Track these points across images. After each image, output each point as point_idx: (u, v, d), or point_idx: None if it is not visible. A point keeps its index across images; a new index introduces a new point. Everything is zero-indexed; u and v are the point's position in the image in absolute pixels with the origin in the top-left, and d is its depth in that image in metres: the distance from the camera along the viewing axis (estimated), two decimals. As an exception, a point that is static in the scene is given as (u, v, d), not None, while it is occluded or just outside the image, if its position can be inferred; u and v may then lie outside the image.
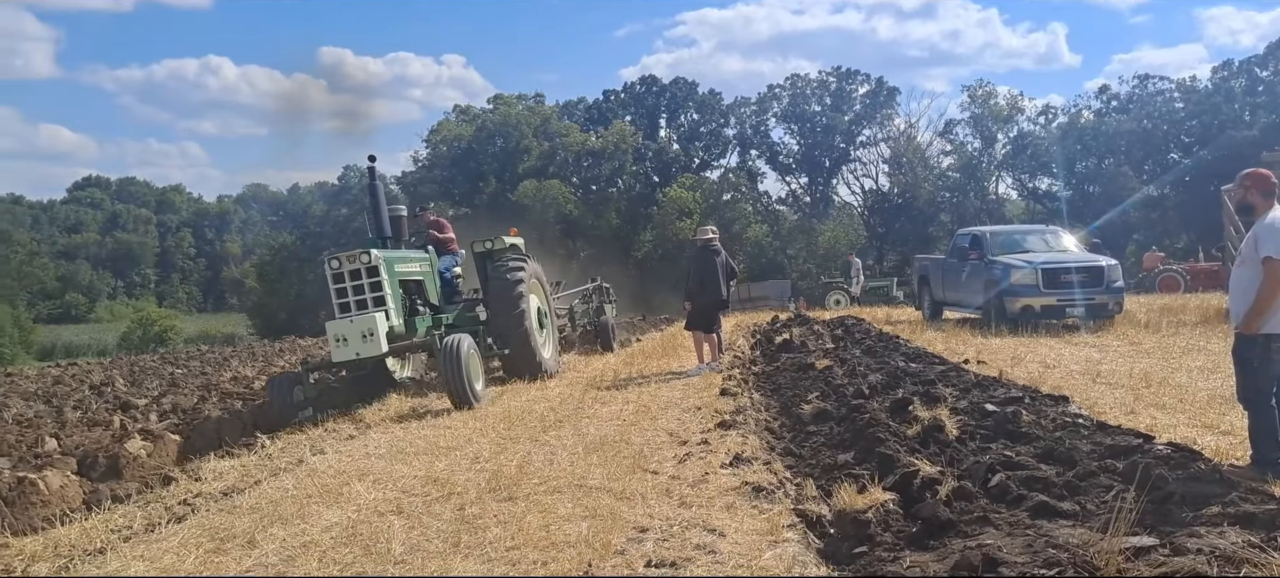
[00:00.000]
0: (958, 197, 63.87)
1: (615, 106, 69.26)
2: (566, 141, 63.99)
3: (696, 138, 69.50)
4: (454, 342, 10.97)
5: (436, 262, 14.02)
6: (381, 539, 5.86)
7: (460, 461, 8.38)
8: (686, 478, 7.00)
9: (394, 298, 11.88)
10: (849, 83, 67.09)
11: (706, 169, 68.68)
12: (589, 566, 5.02)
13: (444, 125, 67.40)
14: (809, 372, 12.18)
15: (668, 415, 10.14)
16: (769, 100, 68.31)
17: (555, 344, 15.31)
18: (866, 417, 8.06)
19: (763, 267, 58.44)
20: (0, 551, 6.11)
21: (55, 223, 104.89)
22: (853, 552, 5.09)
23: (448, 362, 10.80)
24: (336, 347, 11.11)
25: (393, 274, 12.02)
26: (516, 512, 6.32)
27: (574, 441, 8.89)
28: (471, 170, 62.89)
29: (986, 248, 19.75)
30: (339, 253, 11.63)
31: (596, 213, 62.22)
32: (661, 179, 65.55)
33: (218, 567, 5.58)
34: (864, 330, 18.56)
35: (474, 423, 10.54)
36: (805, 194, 69.36)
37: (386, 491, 7.33)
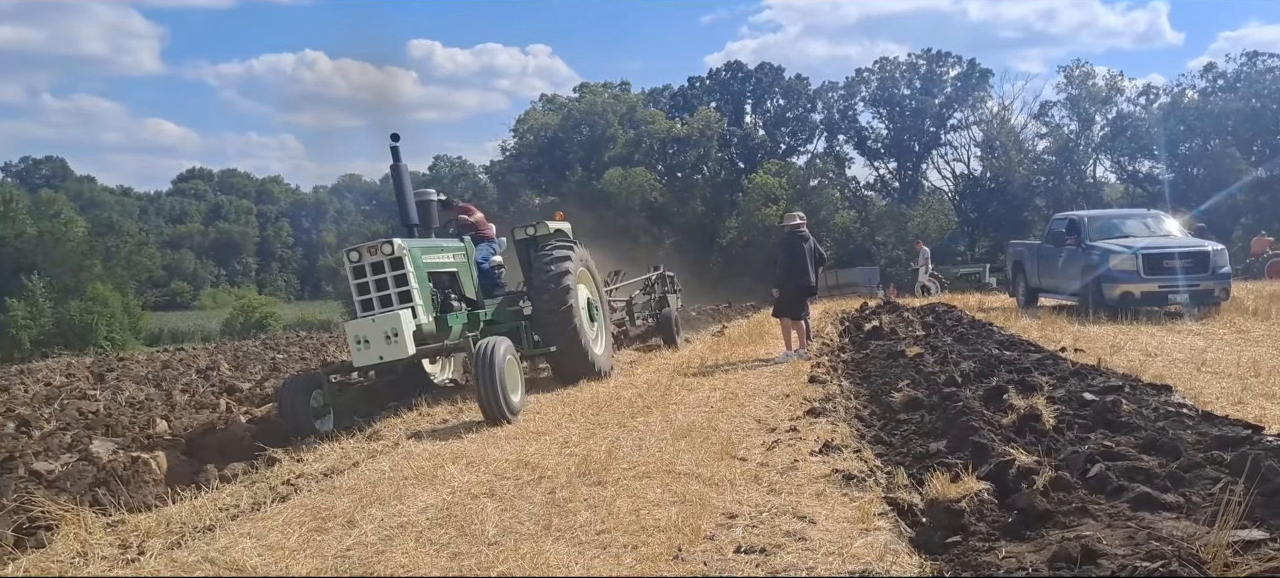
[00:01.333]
0: (1053, 180, 62.13)
1: (700, 93, 69.05)
2: (652, 129, 64.07)
3: (783, 123, 68.90)
4: (489, 347, 9.48)
5: (472, 251, 12.55)
6: (475, 521, 5.99)
7: (550, 445, 8.50)
8: (775, 465, 6.99)
9: (422, 293, 10.43)
10: (939, 65, 65.72)
11: (793, 155, 68.10)
12: (679, 550, 5.06)
13: (531, 114, 68.11)
14: (899, 359, 12.02)
15: (755, 402, 10.12)
16: (857, 84, 67.37)
17: (608, 340, 13.76)
18: (959, 405, 7.92)
19: (850, 253, 57.77)
20: (117, 527, 6.41)
21: (161, 214, 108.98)
22: (946, 541, 5.02)
23: (481, 370, 9.33)
24: (357, 350, 9.82)
25: (420, 266, 10.61)
26: (606, 496, 6.39)
27: (662, 426, 8.94)
28: (558, 159, 63.45)
29: (1084, 233, 19.19)
30: (359, 244, 10.39)
31: (681, 200, 62.21)
32: (747, 165, 65.19)
33: (320, 545, 5.77)
34: (956, 317, 18.21)
35: (562, 408, 10.68)
36: (894, 179, 68.26)
37: (479, 473, 7.48)
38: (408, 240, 10.58)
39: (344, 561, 5.44)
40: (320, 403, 10.16)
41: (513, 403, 9.60)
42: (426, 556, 5.37)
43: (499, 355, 9.38)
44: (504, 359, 9.48)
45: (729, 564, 4.82)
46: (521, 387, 10.13)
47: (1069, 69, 63.47)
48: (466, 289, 11.97)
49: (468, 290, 12.00)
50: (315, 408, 10.03)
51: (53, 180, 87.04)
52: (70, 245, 59.40)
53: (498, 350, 9.43)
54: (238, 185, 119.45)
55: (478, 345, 9.60)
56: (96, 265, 58.21)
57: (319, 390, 10.27)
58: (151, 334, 57.14)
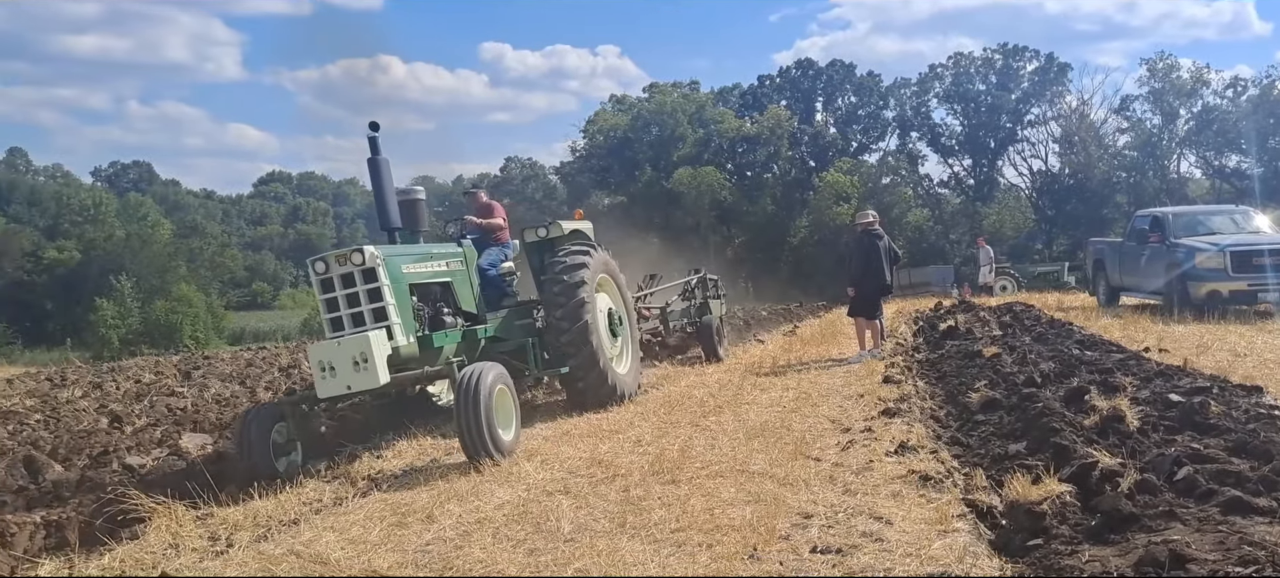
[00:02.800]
0: (1135, 176, 60.43)
1: (770, 91, 68.67)
2: (721, 128, 63.92)
3: (854, 121, 68.19)
4: (473, 375, 7.87)
5: (473, 256, 10.53)
6: (551, 517, 6.06)
7: (623, 443, 8.56)
8: (850, 465, 6.95)
9: (401, 309, 8.64)
10: (1016, 60, 64.38)
11: (864, 153, 67.33)
12: (754, 549, 5.06)
13: (600, 115, 68.41)
14: (976, 359, 11.83)
15: (829, 402, 10.06)
16: (930, 80, 66.32)
17: (634, 357, 11.91)
18: (1039, 406, 7.77)
19: (923, 252, 56.90)
20: (206, 519, 6.63)
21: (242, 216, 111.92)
22: (1027, 544, 4.94)
23: (464, 402, 7.73)
24: (322, 378, 8.03)
25: (399, 278, 8.80)
26: (680, 495, 6.42)
27: (735, 426, 8.94)
28: (627, 159, 63.64)
29: (1169, 229, 18.66)
30: (326, 254, 8.65)
31: (751, 199, 61.94)
32: (818, 164, 64.63)
33: (400, 540, 5.89)
34: (1034, 317, 17.85)
35: (634, 408, 10.73)
36: (969, 176, 67.03)
37: (554, 471, 7.57)
38: (385, 248, 8.88)
39: (423, 555, 5.55)
40: (285, 437, 8.47)
41: (502, 441, 7.95)
42: (504, 551, 5.45)
43: (486, 384, 7.80)
44: (492, 389, 7.88)
45: (805, 564, 4.81)
46: (516, 421, 8.47)
47: (1151, 62, 61.64)
48: (464, 301, 10.07)
49: (466, 303, 10.10)
50: (279, 444, 8.39)
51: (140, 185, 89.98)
52: (156, 247, 61.41)
53: (485, 379, 7.84)
54: (315, 188, 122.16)
55: (462, 372, 7.96)
56: (181, 267, 60.10)
57: (283, 424, 8.52)
58: (234, 333, 58.72)
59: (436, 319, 9.54)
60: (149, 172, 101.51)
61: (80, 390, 17.22)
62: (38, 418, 12.86)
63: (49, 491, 8.01)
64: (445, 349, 9.25)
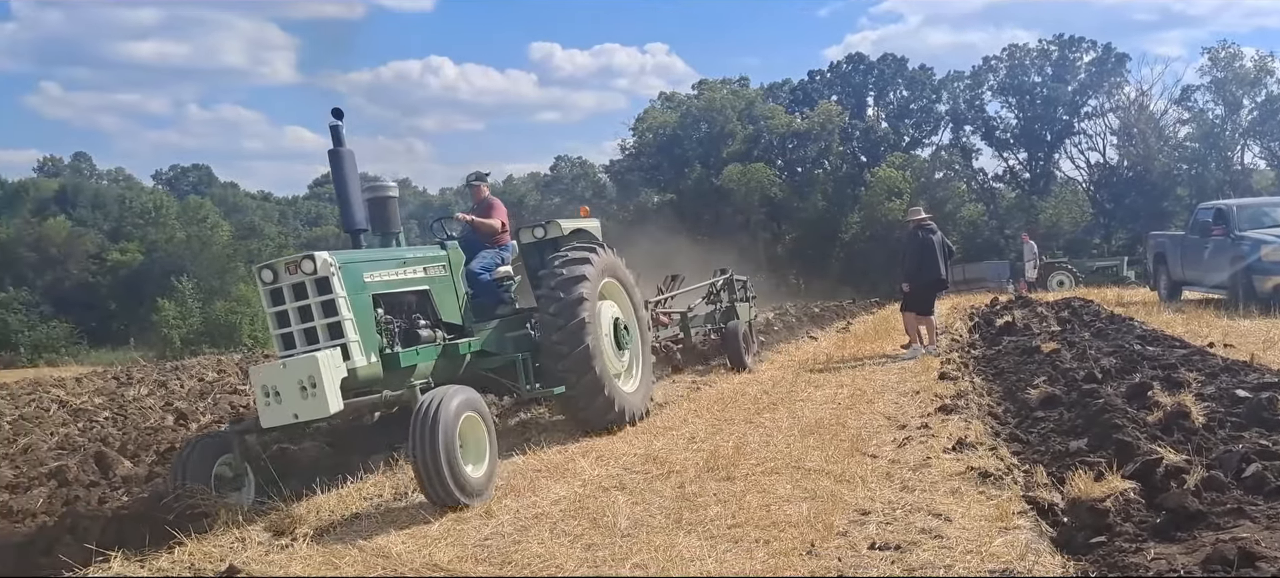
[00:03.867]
0: (1197, 168, 59.01)
1: (820, 87, 68.19)
2: (771, 124, 63.61)
3: (906, 115, 67.44)
4: (431, 404, 6.61)
5: (458, 260, 9.19)
6: (607, 513, 6.11)
7: (677, 440, 8.58)
8: (907, 462, 6.91)
9: (361, 323, 7.45)
10: (1072, 51, 63.21)
11: (917, 147, 66.56)
12: (812, 546, 5.06)
13: (650, 113, 68.41)
14: (1034, 355, 11.65)
15: (884, 399, 9.99)
16: (984, 73, 65.35)
17: (646, 371, 10.45)
18: (1100, 402, 7.65)
19: (978, 247, 56.15)
20: (269, 514, 6.77)
21: (298, 217, 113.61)
22: (1090, 542, 4.87)
23: (417, 436, 6.47)
24: (265, 405, 6.93)
25: (359, 287, 7.60)
26: (735, 491, 6.43)
27: (789, 423, 8.92)
28: (677, 157, 63.58)
29: (1233, 222, 18.19)
30: (274, 261, 7.57)
31: (802, 195, 61.59)
32: (870, 159, 64.04)
33: (459, 534, 5.97)
34: (1093, 312, 17.54)
35: (687, 405, 10.76)
36: (1024, 170, 65.98)
37: (609, 467, 7.62)
38: (343, 254, 7.70)
39: (482, 549, 5.63)
40: (232, 471, 7.37)
41: (469, 480, 6.67)
42: (561, 546, 5.51)
43: (446, 414, 6.56)
44: (455, 419, 6.65)
45: (863, 561, 4.79)
46: (490, 453, 7.09)
47: (1213, 51, 60.14)
48: (446, 312, 8.78)
49: (449, 313, 8.80)
50: (226, 478, 7.31)
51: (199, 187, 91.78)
52: (216, 249, 62.63)
53: (445, 407, 6.59)
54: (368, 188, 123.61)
55: (421, 399, 6.74)
56: (240, 267, 61.19)
57: (229, 456, 7.38)
58: (291, 333, 59.52)
59: (410, 333, 8.23)
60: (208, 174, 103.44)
61: (146, 389, 17.67)
62: (107, 415, 13.24)
63: (119, 486, 8.24)
64: (419, 367, 8.01)
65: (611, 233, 42.65)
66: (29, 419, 13.35)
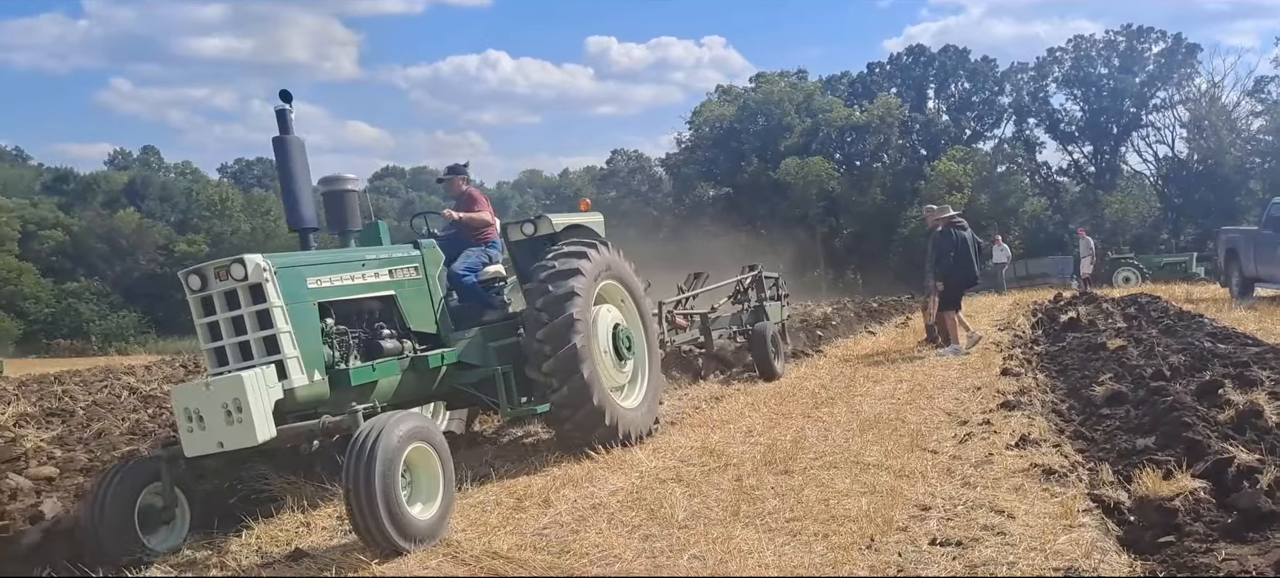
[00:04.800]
0: (1270, 162, 57.24)
1: (880, 79, 67.41)
2: (829, 117, 63.04)
3: (968, 108, 66.40)
4: (369, 435, 5.61)
5: (435, 261, 8.08)
6: (665, 505, 6.12)
7: (734, 433, 8.57)
8: (969, 458, 6.82)
9: (302, 336, 6.47)
10: (1140, 41, 61.68)
11: (979, 140, 65.49)
12: (871, 540, 5.02)
13: (706, 106, 68.21)
14: (1099, 352, 11.42)
15: (945, 395, 9.88)
16: (1049, 65, 64.06)
17: (653, 382, 9.09)
18: (1169, 399, 7.47)
19: (1041, 242, 55.14)
20: (334, 499, 6.89)
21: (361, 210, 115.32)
22: (1157, 541, 4.77)
23: (352, 470, 5.50)
24: (189, 431, 6.03)
25: (301, 295, 6.61)
26: (794, 485, 6.41)
27: (848, 418, 8.86)
28: (733, 150, 63.33)
29: (1309, 217, 17.67)
30: (202, 265, 6.57)
31: (860, 189, 60.98)
32: (930, 152, 63.19)
33: (518, 523, 6.03)
34: (1161, 309, 17.14)
35: (744, 398, 10.73)
36: (1089, 164, 64.61)
37: (666, 459, 7.63)
38: (280, 256, 6.74)
39: (541, 538, 5.68)
40: (163, 502, 6.31)
41: (411, 523, 5.62)
42: (619, 536, 5.53)
43: (387, 445, 5.55)
44: (397, 451, 5.62)
45: (924, 556, 4.75)
46: (444, 489, 6.00)
47: (1289, 40, 58.32)
48: (417, 319, 7.71)
49: (420, 321, 7.74)
50: (154, 509, 6.30)
51: (263, 181, 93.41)
52: (280, 241, 63.82)
53: (387, 437, 5.58)
54: (427, 182, 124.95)
55: (361, 427, 5.78)
56: (303, 259, 62.36)
57: (157, 485, 6.31)
58: (352, 324, 60.56)
59: (371, 346, 7.23)
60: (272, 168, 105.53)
61: (212, 377, 18.04)
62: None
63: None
64: (380, 385, 7.03)
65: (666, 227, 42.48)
66: (102, 405, 13.73)
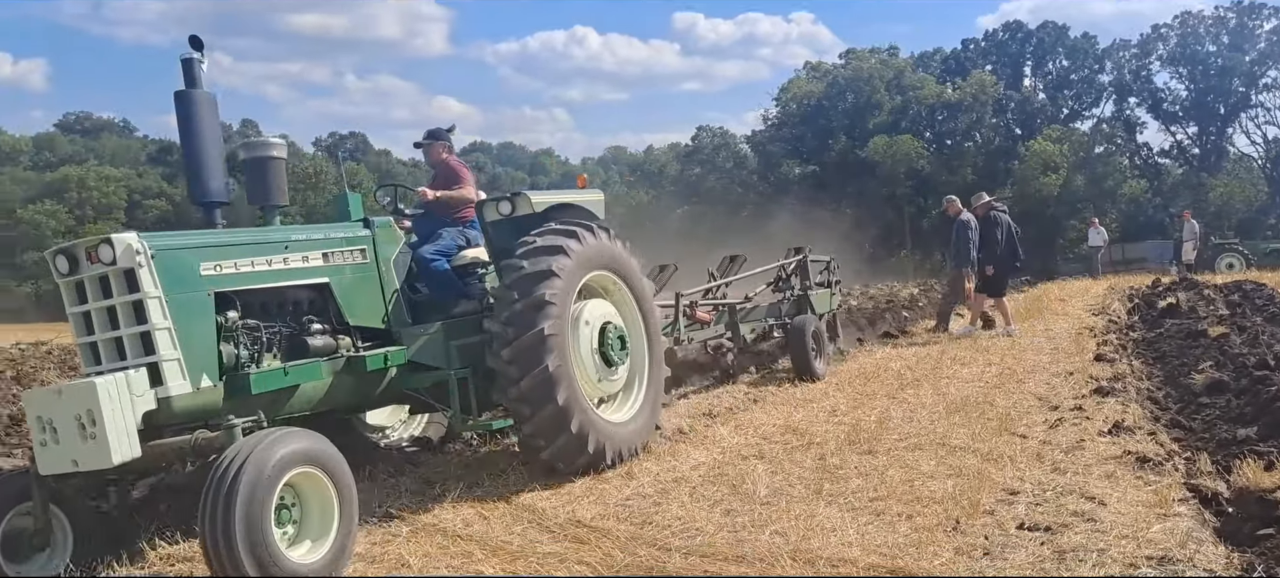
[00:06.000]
0: (1389, 146, 54.43)
1: (975, 56, 65.75)
2: (921, 94, 61.75)
3: (1066, 86, 64.36)
4: (234, 459, 4.59)
5: (394, 241, 6.82)
6: (747, 480, 6.15)
7: (817, 412, 8.55)
8: (1059, 444, 6.70)
9: (187, 333, 5.38)
10: (1252, 18, 58.94)
11: (1076, 120, 63.44)
12: (957, 522, 4.98)
13: (794, 83, 67.42)
14: (1199, 339, 11.04)
15: (1035, 379, 9.68)
16: (1153, 42, 61.67)
17: (653, 391, 7.53)
18: (1274, 389, 7.20)
19: (1139, 226, 53.32)
20: (421, 467, 7.08)
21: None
22: (1257, 533, 4.62)
23: (209, 503, 4.50)
24: (41, 444, 5.11)
25: (190, 283, 5.53)
26: (877, 465, 6.37)
27: (934, 400, 8.75)
28: (821, 127, 62.51)
29: None
30: (72, 244, 5.53)
31: (950, 169, 59.63)
32: (1025, 132, 61.47)
33: (600, 495, 6.12)
34: (1266, 296, 16.45)
35: (829, 377, 10.66)
36: (1193, 145, 62.15)
37: (748, 436, 7.66)
38: (162, 236, 5.61)
39: (624, 509, 5.76)
40: (36, 524, 5.28)
41: (286, 570, 4.62)
42: (701, 510, 5.58)
43: (255, 473, 4.54)
44: (271, 480, 4.60)
45: (1011, 540, 4.69)
46: (338, 525, 4.89)
47: None
48: (358, 311, 6.48)
49: (361, 313, 6.50)
50: (24, 533, 5.28)
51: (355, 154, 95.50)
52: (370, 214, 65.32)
53: (256, 462, 4.57)
54: (514, 158, 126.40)
55: (227, 450, 4.72)
56: (393, 232, 63.67)
57: (25, 507, 5.29)
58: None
59: (296, 344, 6.06)
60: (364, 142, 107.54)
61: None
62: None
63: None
64: (302, 391, 5.95)
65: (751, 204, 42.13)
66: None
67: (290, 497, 4.82)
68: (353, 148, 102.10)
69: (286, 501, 4.78)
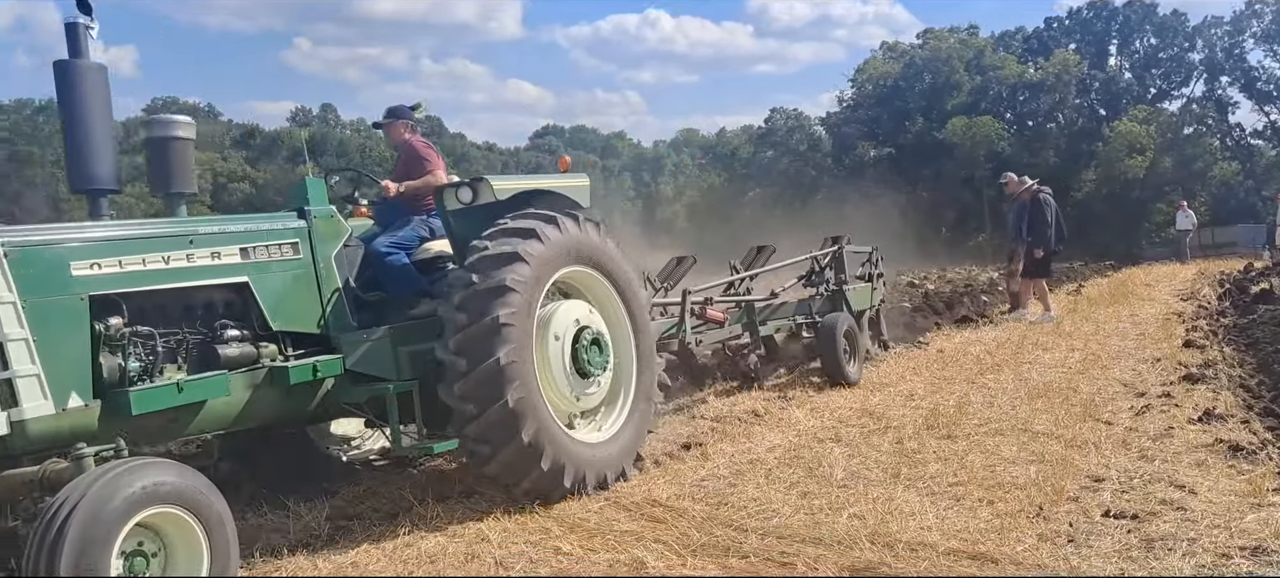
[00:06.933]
0: None
1: (1058, 34, 63.97)
2: (1001, 74, 60.33)
3: (1153, 65, 62.28)
4: (62, 506, 3.88)
5: (333, 234, 5.96)
6: (823, 463, 6.12)
7: (894, 397, 8.46)
8: (1146, 431, 6.53)
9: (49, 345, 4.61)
10: (1354, -8, 56.42)
11: (1164, 100, 61.43)
12: (1040, 509, 4.89)
13: (870, 64, 66.40)
14: (1295, 326, 10.66)
15: (1120, 365, 9.45)
16: (1247, 19, 59.23)
17: (638, 406, 6.46)
18: (1376, 379, 6.93)
19: (1230, 210, 51.44)
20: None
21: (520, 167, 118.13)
22: (1358, 526, 4.46)
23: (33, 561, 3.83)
24: None
25: (57, 285, 4.75)
26: (957, 450, 6.28)
27: (1015, 385, 8.60)
28: (897, 109, 61.51)
29: None
30: None
31: (1031, 151, 58.17)
32: (1109, 112, 59.68)
33: (676, 475, 6.14)
34: (1368, 283, 15.80)
35: (906, 361, 10.55)
36: (1290, 126, 59.79)
37: (823, 419, 7.62)
38: (30, 232, 4.87)
39: (699, 489, 5.78)
40: None
41: None
42: (777, 491, 5.57)
43: (87, 520, 3.85)
44: (113, 525, 3.93)
45: (1096, 528, 4.59)
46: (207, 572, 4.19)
47: None
48: (283, 315, 5.59)
49: (288, 317, 5.61)
50: None
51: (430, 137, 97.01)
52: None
53: (89, 507, 3.87)
54: (586, 140, 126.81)
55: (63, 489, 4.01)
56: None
57: None
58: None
59: (207, 353, 5.23)
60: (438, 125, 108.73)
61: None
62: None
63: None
64: (208, 409, 5.11)
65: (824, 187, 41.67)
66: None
67: (152, 542, 4.10)
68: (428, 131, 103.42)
69: (145, 547, 4.08)
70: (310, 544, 5.20)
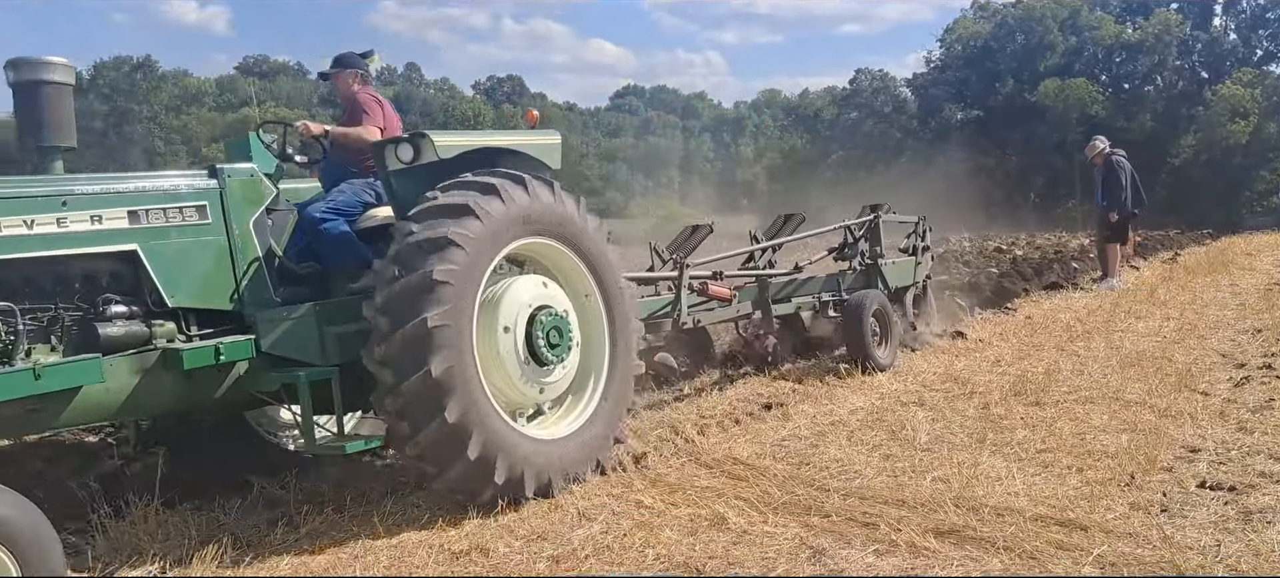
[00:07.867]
0: None
1: (1159, -7, 61.61)
2: (1098, 35, 58.30)
3: (1261, 25, 59.51)
4: None
5: (253, 197, 5.22)
6: (906, 427, 6.07)
7: (980, 362, 8.34)
8: (1245, 403, 6.32)
9: None
10: None
11: (1271, 62, 58.76)
12: (1132, 477, 4.78)
13: (960, 23, 64.74)
14: None
15: (1218, 335, 9.16)
16: (1365, -25, 56.36)
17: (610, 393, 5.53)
18: None
19: (1340, 178, 49.17)
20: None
21: (600, 128, 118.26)
22: None
23: None
24: None
25: None
26: (1045, 417, 6.17)
27: (1107, 353, 8.39)
28: (987, 70, 59.91)
29: None
30: None
31: (1128, 115, 56.22)
32: (1212, 75, 57.32)
33: (757, 434, 6.15)
34: None
35: (992, 326, 10.37)
36: None
37: (907, 383, 7.55)
38: None
39: (780, 449, 5.78)
40: None
41: None
42: (859, 453, 5.54)
43: None
44: None
45: (1191, 499, 4.47)
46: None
47: None
48: (183, 290, 4.84)
49: (188, 292, 4.86)
50: None
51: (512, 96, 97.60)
52: (527, 156, 66.96)
53: None
54: (667, 101, 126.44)
55: None
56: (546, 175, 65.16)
57: None
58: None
59: (86, 332, 4.51)
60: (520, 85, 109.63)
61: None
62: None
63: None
64: (84, 397, 4.37)
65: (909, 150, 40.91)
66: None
67: None
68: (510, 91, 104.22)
69: None
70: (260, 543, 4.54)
